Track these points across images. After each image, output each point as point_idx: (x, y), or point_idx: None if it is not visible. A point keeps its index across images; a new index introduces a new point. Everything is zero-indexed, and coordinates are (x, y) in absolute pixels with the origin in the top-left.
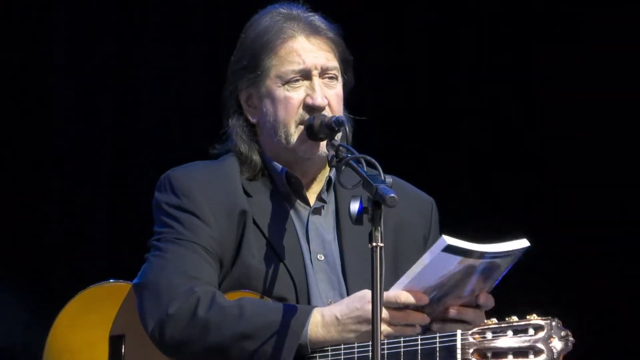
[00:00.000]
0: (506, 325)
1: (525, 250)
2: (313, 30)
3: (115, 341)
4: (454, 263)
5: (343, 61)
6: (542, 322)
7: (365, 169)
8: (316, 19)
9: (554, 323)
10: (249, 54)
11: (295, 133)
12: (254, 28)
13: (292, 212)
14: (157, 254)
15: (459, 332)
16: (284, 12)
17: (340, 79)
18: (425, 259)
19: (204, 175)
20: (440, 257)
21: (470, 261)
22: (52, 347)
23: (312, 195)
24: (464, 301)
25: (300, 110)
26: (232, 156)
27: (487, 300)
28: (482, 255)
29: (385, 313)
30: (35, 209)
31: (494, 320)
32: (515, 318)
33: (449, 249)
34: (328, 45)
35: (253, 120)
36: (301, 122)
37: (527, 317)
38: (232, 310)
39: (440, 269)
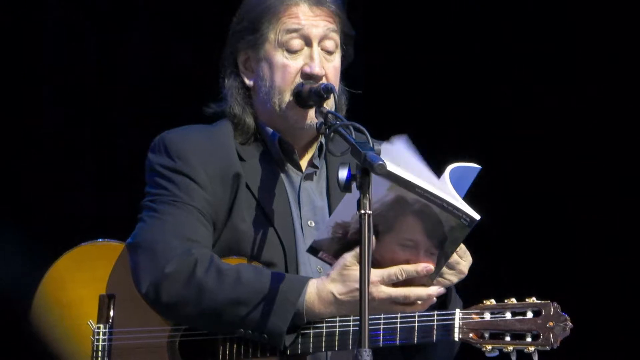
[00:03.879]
0: (505, 306)
1: (473, 221)
2: (316, 0)
3: (105, 300)
4: (384, 189)
5: (344, 34)
6: (540, 306)
7: (354, 136)
8: None
9: (552, 307)
10: (250, 16)
11: (287, 102)
12: None
13: (284, 178)
14: (153, 214)
15: (457, 310)
16: None
17: (338, 52)
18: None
19: (198, 138)
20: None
21: (400, 190)
22: (40, 303)
23: (304, 161)
24: (410, 254)
25: (297, 79)
26: (226, 121)
27: (425, 269)
28: (412, 188)
29: (386, 292)
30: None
31: (493, 301)
32: (514, 300)
33: (382, 174)
34: (331, 16)
35: (249, 83)
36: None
37: (526, 299)
38: (229, 274)
39: (374, 192)
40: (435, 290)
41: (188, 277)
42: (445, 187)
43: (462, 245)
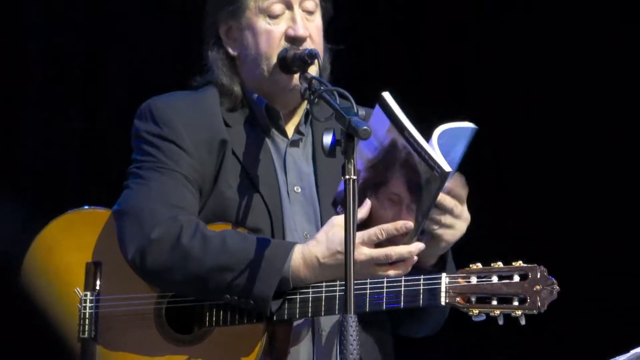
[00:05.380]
0: (491, 270)
1: (444, 173)
2: None
3: (92, 267)
4: (384, 129)
5: None
6: (527, 269)
7: (338, 102)
8: None
9: (539, 271)
10: None
11: (274, 67)
12: None
13: (270, 144)
14: (139, 181)
15: (444, 275)
16: None
17: (319, 11)
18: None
19: (184, 104)
20: (378, 114)
21: (395, 135)
22: (28, 271)
23: (290, 128)
24: (395, 212)
25: (282, 43)
26: (212, 87)
27: (404, 226)
28: (402, 130)
29: (367, 254)
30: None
31: (479, 264)
32: (500, 264)
33: (384, 106)
34: None
35: (233, 52)
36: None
37: (513, 263)
38: (214, 240)
39: (376, 131)
40: (415, 246)
41: (173, 244)
42: (428, 143)
43: (458, 205)
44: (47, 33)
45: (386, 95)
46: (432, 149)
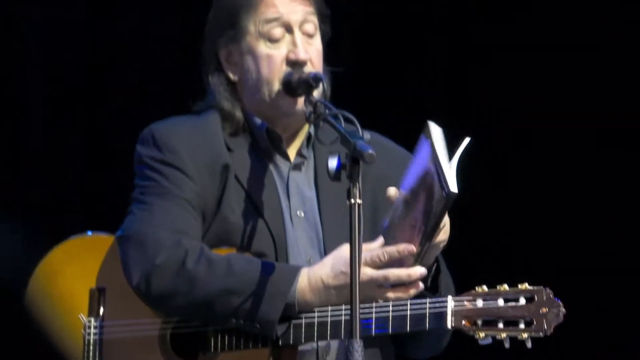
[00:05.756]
0: (497, 293)
1: (450, 194)
2: None
3: (95, 293)
4: (426, 156)
5: (321, 15)
6: (533, 292)
7: (343, 125)
8: None
9: (545, 293)
10: (227, 11)
11: (276, 92)
12: None
13: (272, 168)
14: (142, 207)
15: (449, 298)
16: None
17: (318, 33)
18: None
19: (186, 129)
20: (422, 144)
21: (429, 161)
22: (31, 297)
23: (292, 151)
24: (411, 235)
25: (284, 67)
26: (214, 111)
27: (407, 249)
28: (435, 156)
29: (368, 274)
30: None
31: (485, 287)
32: (506, 286)
33: (427, 134)
34: (306, 0)
35: (234, 77)
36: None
37: (519, 285)
38: (220, 264)
39: (421, 161)
40: (415, 270)
41: (179, 268)
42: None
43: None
44: (47, 58)
45: (431, 124)
46: (450, 166)
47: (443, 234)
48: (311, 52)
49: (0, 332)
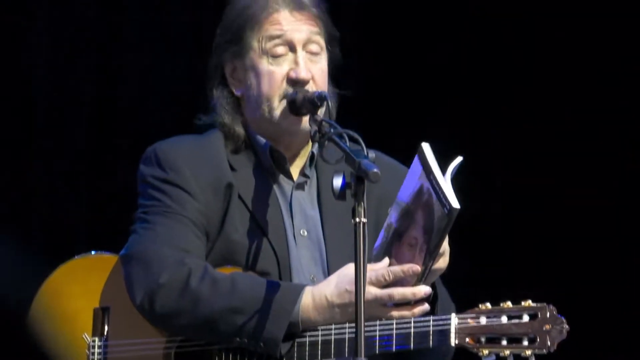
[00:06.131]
0: (501, 310)
1: (452, 210)
2: (297, 5)
3: (99, 313)
4: (417, 177)
5: (328, 36)
6: (537, 309)
7: (348, 144)
8: None
9: (549, 310)
10: (233, 27)
11: (278, 107)
12: (239, 2)
13: (275, 187)
14: (145, 226)
15: (453, 315)
16: None
17: (324, 54)
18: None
19: (190, 148)
20: (414, 164)
21: (423, 180)
22: (35, 317)
23: (295, 170)
24: (411, 255)
25: (284, 85)
26: (217, 131)
27: (411, 269)
28: (429, 173)
29: (373, 293)
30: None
31: (488, 305)
32: (509, 303)
33: (421, 155)
34: (312, 19)
35: (237, 93)
36: (285, 96)
37: (522, 302)
38: (224, 283)
39: (411, 181)
40: (419, 289)
41: (182, 287)
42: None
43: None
44: (55, 79)
45: (425, 145)
46: (447, 183)
47: (442, 262)
48: (314, 71)
49: (3, 352)
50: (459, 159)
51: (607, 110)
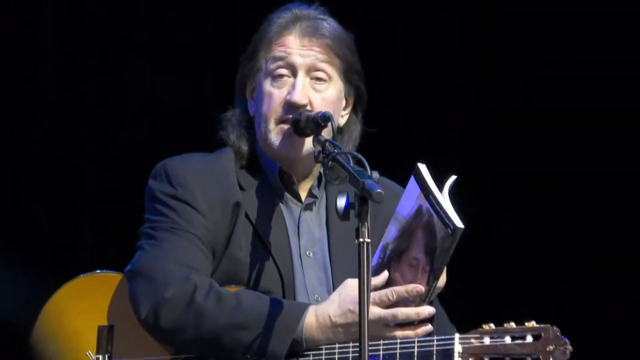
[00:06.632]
0: (504, 330)
1: (456, 230)
2: (309, 32)
3: (104, 330)
4: (414, 197)
5: (344, 67)
6: (540, 330)
7: (352, 165)
8: (324, 23)
9: (552, 331)
10: (252, 46)
11: (274, 130)
12: (266, 22)
13: (283, 208)
14: (152, 242)
15: (457, 335)
16: (295, 12)
17: (333, 83)
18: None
19: (200, 166)
20: (411, 185)
21: (421, 201)
22: (38, 334)
23: (303, 191)
24: (413, 275)
25: (281, 108)
26: (228, 150)
27: (415, 289)
28: (428, 194)
29: (376, 314)
30: (20, 199)
31: (492, 325)
32: (513, 324)
33: (417, 175)
34: (322, 47)
35: (251, 111)
36: (281, 120)
37: (525, 323)
38: (229, 299)
39: (408, 201)
40: (423, 309)
41: (188, 302)
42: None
43: None
44: (60, 98)
45: (421, 166)
46: (447, 202)
47: (440, 281)
48: (314, 97)
49: None
50: (453, 177)
51: (611, 135)
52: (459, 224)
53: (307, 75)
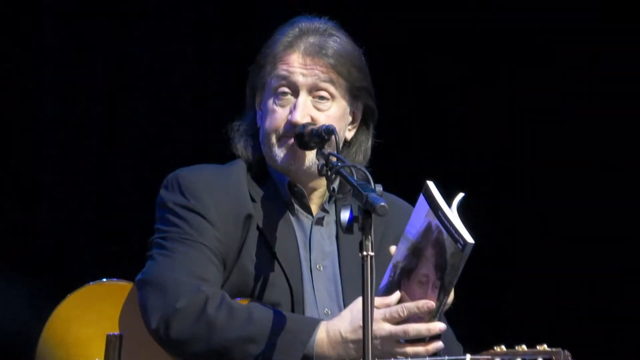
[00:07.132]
0: (515, 353)
1: (467, 244)
2: (313, 51)
3: (113, 339)
4: (423, 215)
5: (349, 87)
6: (551, 353)
7: (355, 178)
8: (330, 41)
9: (564, 355)
10: (259, 61)
11: (274, 145)
12: (274, 35)
13: (294, 221)
14: (163, 252)
15: (468, 356)
16: (302, 27)
17: (336, 102)
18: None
19: (212, 177)
20: (420, 203)
21: (431, 218)
22: (46, 342)
23: (314, 205)
24: (422, 292)
25: (282, 127)
26: (240, 161)
27: (426, 305)
28: (437, 210)
29: (387, 330)
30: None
31: (503, 347)
32: (524, 347)
33: (426, 192)
34: (325, 67)
35: (258, 122)
36: (283, 136)
37: (537, 346)
38: (240, 312)
39: (417, 219)
40: (435, 325)
41: (199, 313)
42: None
43: None
44: (66, 101)
45: (430, 183)
46: (456, 217)
47: (449, 298)
48: (317, 116)
49: None
50: (461, 195)
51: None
52: (469, 239)
53: (309, 95)
